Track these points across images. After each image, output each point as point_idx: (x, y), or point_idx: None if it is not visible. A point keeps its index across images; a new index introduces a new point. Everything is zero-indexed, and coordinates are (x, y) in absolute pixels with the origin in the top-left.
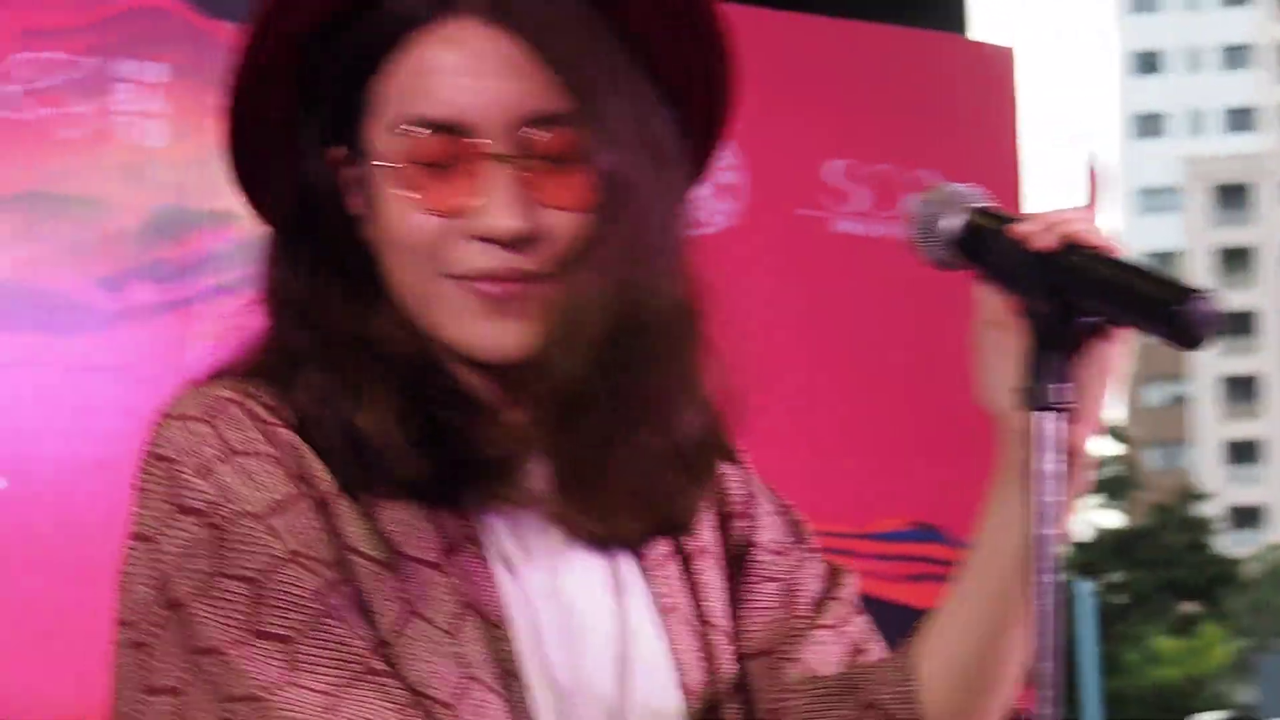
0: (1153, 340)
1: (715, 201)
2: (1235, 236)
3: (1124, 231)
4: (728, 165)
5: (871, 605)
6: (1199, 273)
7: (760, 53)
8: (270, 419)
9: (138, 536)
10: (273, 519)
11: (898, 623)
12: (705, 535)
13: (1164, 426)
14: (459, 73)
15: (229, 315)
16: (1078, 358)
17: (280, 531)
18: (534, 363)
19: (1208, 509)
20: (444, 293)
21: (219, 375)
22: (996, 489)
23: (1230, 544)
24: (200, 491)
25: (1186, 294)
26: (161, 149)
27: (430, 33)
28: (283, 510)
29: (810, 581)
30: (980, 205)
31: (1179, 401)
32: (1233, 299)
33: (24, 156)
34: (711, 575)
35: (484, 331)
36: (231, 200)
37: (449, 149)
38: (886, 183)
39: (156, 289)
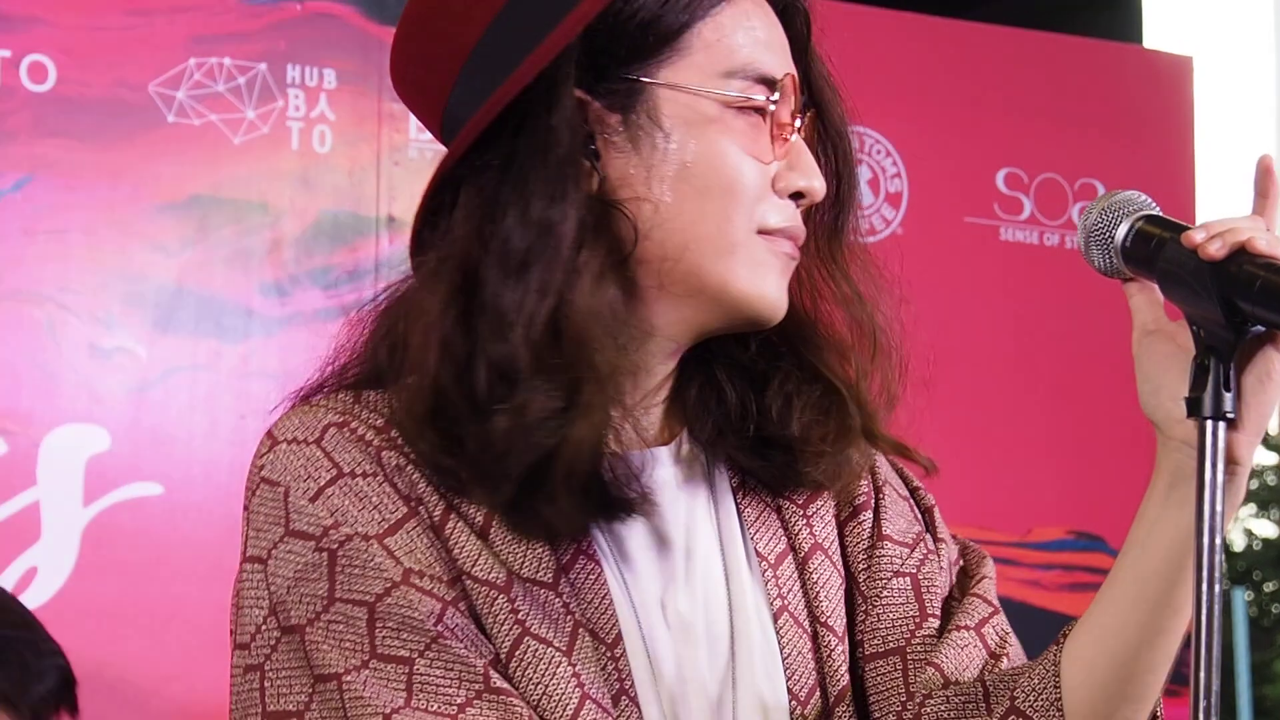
0: None
1: (884, 208)
2: None
3: None
4: (896, 173)
5: (1032, 614)
6: None
7: (932, 60)
8: (376, 441)
9: (251, 559)
10: (387, 539)
11: (1058, 632)
12: (822, 531)
13: None
14: (775, 41)
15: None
16: (1244, 366)
17: (395, 551)
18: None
19: None
20: (753, 246)
21: (360, 383)
22: (1150, 496)
23: None
24: (312, 515)
25: None
26: (329, 154)
27: None
28: (396, 530)
29: (941, 576)
30: (1149, 213)
31: None
32: None
33: (193, 162)
34: (827, 574)
35: (774, 287)
36: (399, 206)
37: (777, 108)
38: (1057, 192)
39: (323, 295)
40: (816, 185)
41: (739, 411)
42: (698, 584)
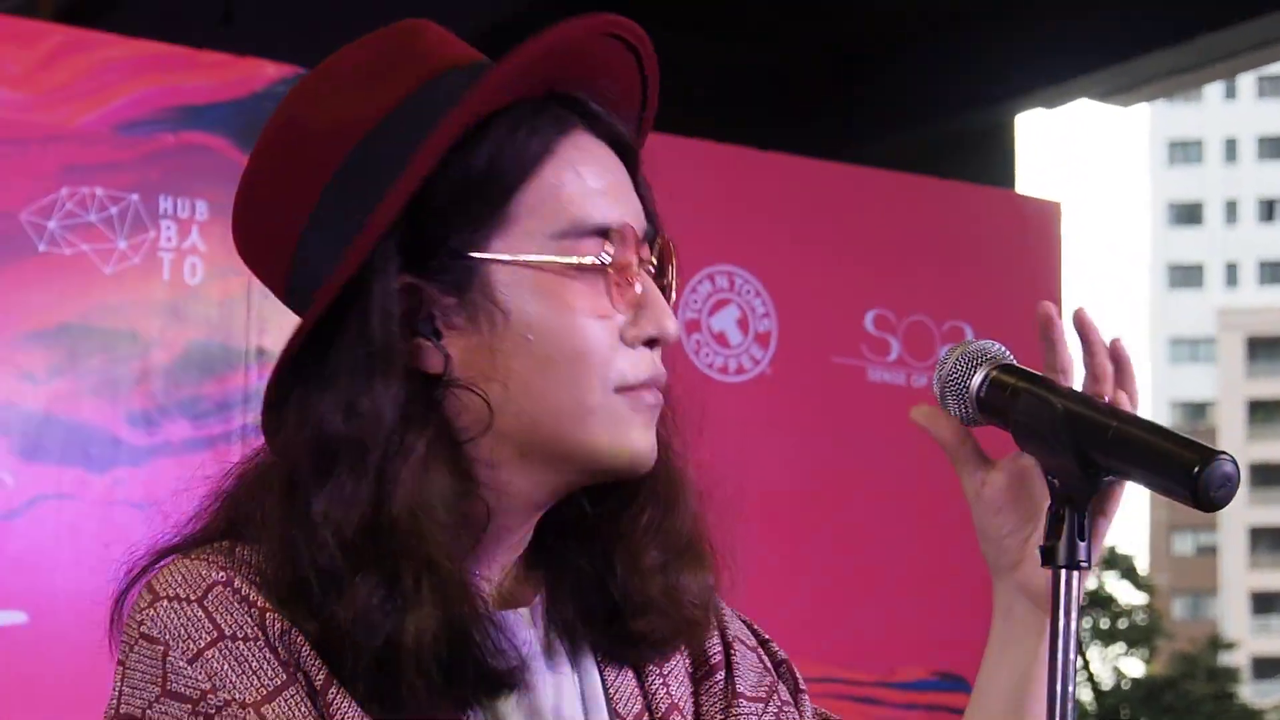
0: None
1: (752, 348)
2: (1267, 388)
3: (1157, 381)
4: (765, 313)
5: None
6: (1230, 423)
7: (804, 201)
8: (260, 601)
9: (123, 716)
10: (264, 707)
11: None
12: (678, 691)
13: (1193, 576)
14: (605, 184)
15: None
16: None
17: None
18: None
19: (1233, 659)
20: (611, 406)
21: (210, 540)
22: (990, 637)
23: (1253, 694)
24: (190, 678)
25: (1211, 456)
26: (200, 285)
27: (568, 144)
28: (274, 697)
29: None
30: (1004, 362)
31: (1208, 551)
32: (1263, 450)
33: (63, 291)
34: None
35: (639, 440)
36: (269, 338)
37: (615, 256)
38: (925, 334)
39: (191, 426)
40: (668, 328)
41: (592, 580)
42: None
